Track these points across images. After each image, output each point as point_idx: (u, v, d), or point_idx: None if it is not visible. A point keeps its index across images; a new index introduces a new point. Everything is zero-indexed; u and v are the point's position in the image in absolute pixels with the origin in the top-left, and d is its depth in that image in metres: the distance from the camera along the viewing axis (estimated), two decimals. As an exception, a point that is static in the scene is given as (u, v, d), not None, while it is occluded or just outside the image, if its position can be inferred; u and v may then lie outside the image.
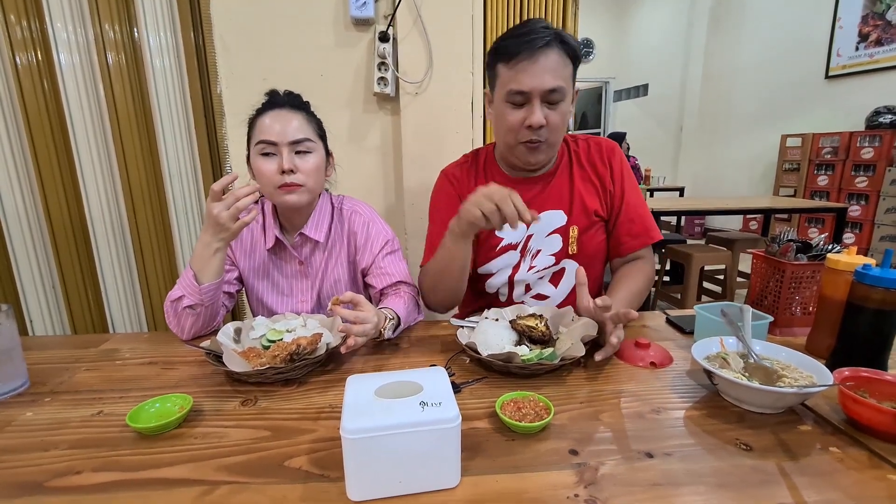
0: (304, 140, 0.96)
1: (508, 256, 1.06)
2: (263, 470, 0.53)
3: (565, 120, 0.97)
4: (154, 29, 1.49)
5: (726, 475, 0.51)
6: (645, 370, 0.77)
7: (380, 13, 1.51)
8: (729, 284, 2.95)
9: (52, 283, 1.66)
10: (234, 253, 1.06)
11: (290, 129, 0.95)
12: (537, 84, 0.90)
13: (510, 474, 0.52)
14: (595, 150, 1.08)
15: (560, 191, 1.06)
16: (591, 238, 1.05)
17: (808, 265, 0.87)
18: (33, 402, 0.70)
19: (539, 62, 0.89)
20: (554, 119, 0.94)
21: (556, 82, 0.90)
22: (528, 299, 1.08)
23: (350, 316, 0.78)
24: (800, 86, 4.76)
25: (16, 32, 1.45)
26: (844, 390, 0.59)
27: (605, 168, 1.06)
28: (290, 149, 0.95)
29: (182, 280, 0.90)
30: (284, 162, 0.94)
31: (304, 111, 1.01)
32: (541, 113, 0.92)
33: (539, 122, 0.92)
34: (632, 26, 7.19)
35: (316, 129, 1.02)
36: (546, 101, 0.92)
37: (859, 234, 4.04)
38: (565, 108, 0.95)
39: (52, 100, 1.51)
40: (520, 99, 0.92)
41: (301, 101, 1.03)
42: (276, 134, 0.94)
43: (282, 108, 0.98)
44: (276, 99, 1.00)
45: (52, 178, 1.56)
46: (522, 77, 0.90)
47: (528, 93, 0.91)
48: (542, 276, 1.07)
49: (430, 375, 0.55)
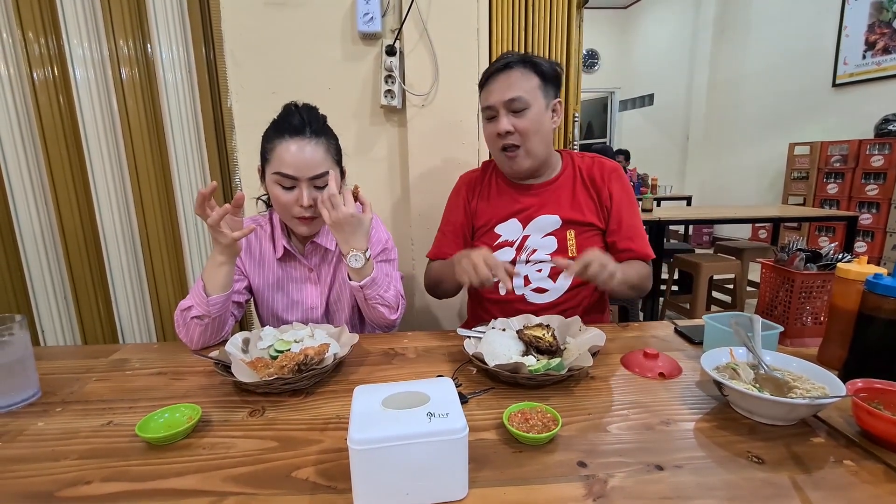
0: (325, 174, 0.95)
1: (504, 252, 1.14)
2: (271, 481, 0.53)
3: (538, 127, 1.06)
4: (167, 45, 1.52)
5: (738, 488, 0.50)
6: (654, 381, 0.76)
7: (387, 27, 1.53)
8: (738, 294, 2.92)
9: (65, 295, 1.68)
10: (244, 264, 1.07)
11: (310, 164, 0.94)
12: (498, 97, 1.04)
13: (518, 486, 0.51)
14: (598, 168, 1.16)
15: (558, 197, 1.14)
16: (588, 242, 1.12)
17: (818, 275, 0.86)
18: (44, 412, 0.70)
19: (500, 80, 1.05)
20: (522, 126, 1.05)
21: (516, 93, 1.03)
22: (528, 292, 1.13)
23: (331, 191, 0.91)
24: (807, 94, 4.75)
25: (34, 49, 1.49)
26: (858, 402, 0.58)
27: (604, 186, 1.14)
28: (310, 183, 0.95)
29: (193, 291, 0.92)
30: (304, 198, 0.94)
31: (325, 135, 0.98)
32: (506, 121, 1.04)
33: (503, 129, 1.04)
34: (636, 36, 7.23)
35: (334, 155, 1.00)
36: (510, 110, 1.05)
37: (871, 242, 3.99)
38: (534, 116, 1.05)
39: (68, 114, 1.55)
40: (490, 113, 1.08)
41: (320, 125, 0.99)
42: (296, 169, 0.93)
43: (301, 135, 0.94)
44: (294, 121, 0.95)
45: (65, 190, 1.59)
46: (488, 95, 1.07)
47: (494, 106, 1.05)
48: (540, 269, 1.12)
49: (437, 386, 0.55)
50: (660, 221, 2.69)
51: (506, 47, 1.67)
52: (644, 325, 1.05)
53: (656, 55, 6.80)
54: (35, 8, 1.47)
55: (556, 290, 1.13)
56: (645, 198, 3.12)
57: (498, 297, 1.16)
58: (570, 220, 1.12)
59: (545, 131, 1.08)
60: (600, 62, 7.44)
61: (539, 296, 1.13)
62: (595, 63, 7.44)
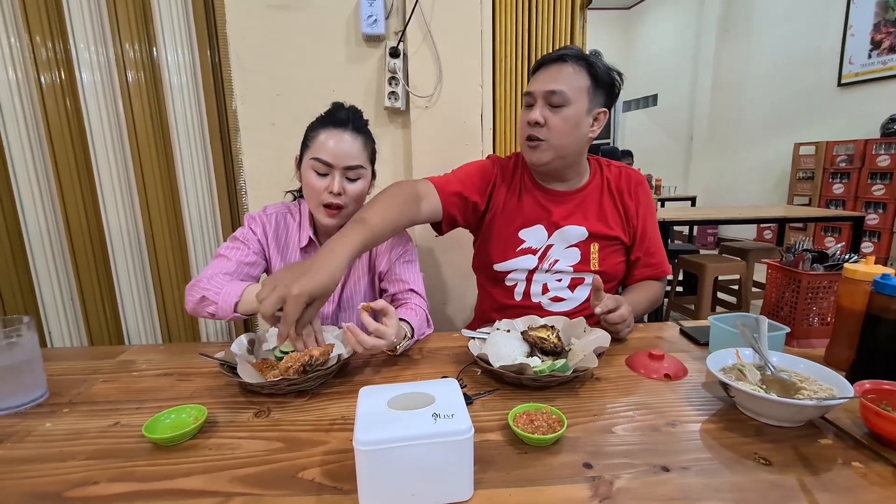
0: (358, 167, 0.99)
1: (526, 259, 1.10)
2: (276, 482, 0.53)
3: (570, 126, 1.02)
4: (172, 48, 1.53)
5: (745, 490, 0.50)
6: (659, 382, 0.76)
7: (390, 29, 1.54)
8: (744, 295, 2.90)
9: (71, 296, 1.69)
10: (269, 247, 1.07)
11: (348, 154, 0.97)
12: (540, 87, 1.01)
13: (523, 488, 0.51)
14: (625, 180, 1.13)
15: (586, 208, 1.11)
16: (610, 257, 1.10)
17: (824, 275, 0.86)
18: (52, 412, 0.71)
19: (550, 70, 1.02)
20: (554, 121, 1.01)
21: (557, 86, 0.99)
22: (546, 300, 1.11)
23: (371, 326, 0.78)
24: (812, 94, 4.72)
25: (41, 53, 1.51)
26: (866, 403, 0.57)
27: (631, 201, 1.12)
28: (343, 173, 0.98)
29: (219, 296, 0.90)
30: (335, 185, 0.97)
31: (365, 134, 1.02)
32: (539, 112, 1.01)
33: (533, 119, 1.01)
34: (640, 37, 7.22)
35: (370, 155, 1.04)
36: (548, 102, 1.01)
37: (878, 243, 3.96)
38: (570, 115, 1.01)
39: (74, 117, 1.56)
40: (528, 100, 1.04)
41: (363, 124, 1.04)
42: (334, 155, 0.96)
43: (345, 128, 0.98)
44: (340, 115, 1.00)
45: (72, 193, 1.60)
46: (533, 82, 1.05)
47: (534, 94, 1.03)
48: (560, 279, 1.11)
49: (442, 387, 0.55)
50: (664, 222, 2.68)
51: (509, 48, 1.67)
52: (649, 327, 1.05)
53: (660, 56, 6.78)
54: (42, 12, 1.48)
55: (574, 300, 1.11)
56: (649, 198, 3.11)
57: (514, 303, 1.12)
58: (597, 234, 1.09)
59: (580, 135, 1.03)
60: (603, 63, 7.42)
61: (556, 304, 1.11)
62: (598, 64, 7.42)
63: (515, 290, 1.13)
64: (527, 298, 1.12)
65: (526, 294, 1.12)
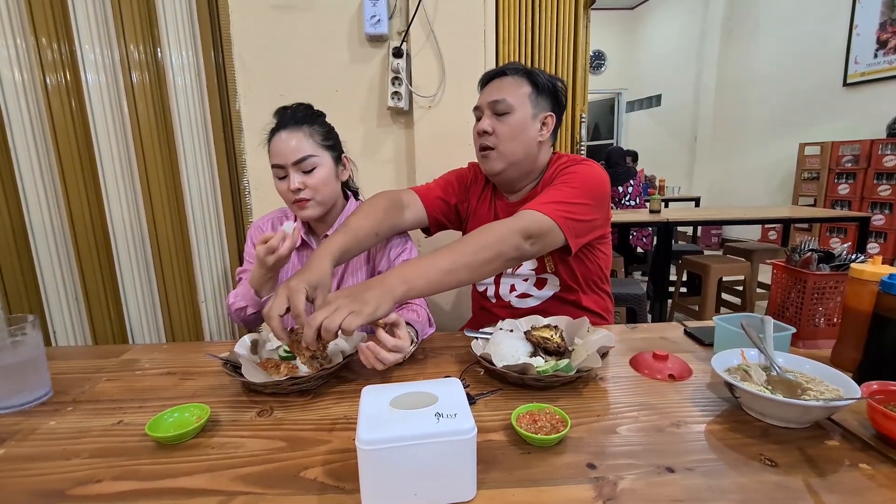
0: (306, 158, 1.01)
1: None
2: (279, 481, 0.53)
3: (516, 131, 1.04)
4: (176, 49, 1.54)
5: (751, 492, 0.49)
6: (663, 383, 0.75)
7: (393, 30, 1.54)
8: (748, 296, 2.88)
9: (76, 295, 1.70)
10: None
11: (291, 150, 1.01)
12: (485, 98, 1.07)
13: (526, 488, 0.51)
14: (556, 170, 1.06)
15: None
16: (562, 260, 1.08)
17: (831, 275, 0.85)
18: (56, 411, 0.71)
19: (492, 84, 1.08)
20: (501, 129, 1.04)
21: (500, 95, 1.04)
22: (514, 298, 1.15)
23: (389, 343, 0.77)
24: (817, 94, 4.70)
25: (47, 55, 1.51)
26: (873, 404, 0.57)
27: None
28: (296, 168, 1.02)
29: (243, 295, 1.02)
30: (291, 182, 1.01)
31: (307, 124, 1.04)
32: (487, 122, 1.05)
33: (481, 128, 1.05)
34: (644, 37, 7.20)
35: (320, 141, 1.04)
36: (494, 111, 1.05)
37: (884, 243, 3.94)
38: (514, 121, 1.04)
39: (79, 118, 1.57)
40: (478, 113, 1.09)
41: (303, 115, 1.05)
42: (282, 157, 1.01)
43: (285, 128, 1.02)
44: (281, 119, 1.05)
45: (77, 193, 1.61)
46: (479, 97, 1.10)
47: (481, 106, 1.08)
48: (526, 279, 1.14)
49: (445, 387, 0.55)
50: (668, 223, 2.67)
51: (513, 49, 1.67)
52: (653, 327, 1.04)
53: (664, 56, 6.76)
54: (48, 14, 1.49)
55: (540, 297, 1.13)
56: (653, 199, 3.10)
57: (490, 304, 1.18)
58: None
59: (526, 140, 1.05)
60: (607, 63, 7.42)
61: (524, 300, 1.14)
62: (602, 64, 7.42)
63: (487, 292, 1.18)
64: (499, 299, 1.17)
65: (496, 295, 1.17)
